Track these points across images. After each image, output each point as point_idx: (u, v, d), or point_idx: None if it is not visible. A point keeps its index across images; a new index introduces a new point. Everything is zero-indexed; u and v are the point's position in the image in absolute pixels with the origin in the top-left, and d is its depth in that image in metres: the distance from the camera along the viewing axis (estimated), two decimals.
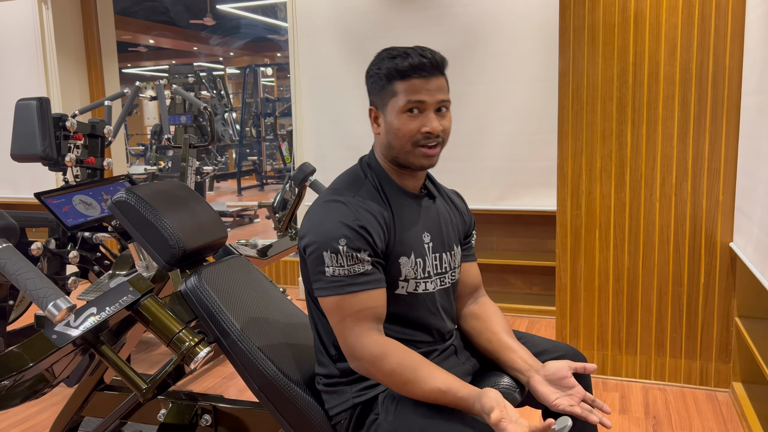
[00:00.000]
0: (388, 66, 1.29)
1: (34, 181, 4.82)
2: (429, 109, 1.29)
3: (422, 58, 1.27)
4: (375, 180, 1.36)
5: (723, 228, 2.57)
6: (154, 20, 11.50)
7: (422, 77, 1.27)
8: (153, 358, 3.22)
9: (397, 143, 1.30)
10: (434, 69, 1.28)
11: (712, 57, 2.50)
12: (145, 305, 1.38)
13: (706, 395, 2.63)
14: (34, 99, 2.65)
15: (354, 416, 1.31)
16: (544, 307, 3.77)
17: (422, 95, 1.27)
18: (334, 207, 1.28)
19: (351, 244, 1.23)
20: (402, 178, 1.37)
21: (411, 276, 1.34)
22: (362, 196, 1.31)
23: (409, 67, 1.27)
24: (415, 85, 1.27)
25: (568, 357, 1.43)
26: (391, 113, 1.30)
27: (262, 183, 11.86)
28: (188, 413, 1.71)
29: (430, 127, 1.28)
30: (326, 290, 1.24)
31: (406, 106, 1.28)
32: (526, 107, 3.62)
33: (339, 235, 1.23)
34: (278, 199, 3.11)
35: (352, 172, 1.39)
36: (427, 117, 1.28)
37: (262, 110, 11.75)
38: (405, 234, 1.33)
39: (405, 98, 1.27)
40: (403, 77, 1.28)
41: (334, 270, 1.23)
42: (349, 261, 1.23)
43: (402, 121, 1.28)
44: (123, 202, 1.47)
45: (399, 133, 1.29)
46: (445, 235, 1.42)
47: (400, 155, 1.31)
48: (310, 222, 1.29)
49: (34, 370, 1.22)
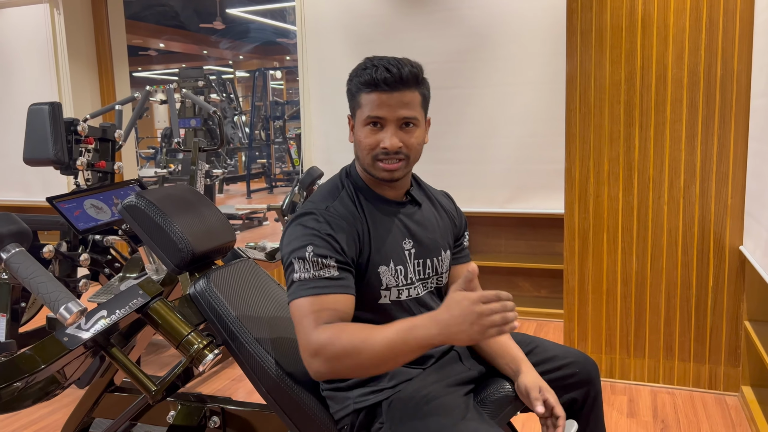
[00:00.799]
0: (357, 78, 1.30)
1: (46, 184, 4.87)
2: (390, 124, 1.28)
3: (386, 73, 1.26)
4: (351, 190, 1.36)
5: (732, 231, 2.56)
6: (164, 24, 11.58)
7: (384, 92, 1.26)
8: (162, 360, 3.25)
9: (360, 155, 1.32)
10: (398, 84, 1.26)
11: (720, 60, 2.49)
12: (154, 308, 1.40)
13: (714, 399, 2.61)
14: (46, 104, 2.69)
15: (357, 422, 1.32)
16: (552, 310, 3.76)
17: (382, 110, 1.27)
18: (305, 220, 1.29)
19: (317, 251, 1.23)
20: (380, 187, 1.37)
21: (392, 284, 1.34)
22: (335, 207, 1.32)
23: (372, 80, 1.26)
24: (377, 99, 1.27)
25: (579, 363, 1.43)
26: (358, 124, 1.32)
27: (271, 186, 11.89)
28: (197, 415, 1.72)
29: (386, 144, 1.27)
30: (292, 294, 1.24)
31: (367, 120, 1.28)
32: (533, 110, 3.62)
33: (306, 243, 1.24)
34: (287, 202, 3.13)
35: (330, 182, 1.41)
36: (386, 132, 1.28)
37: (271, 113, 11.79)
38: (383, 243, 1.33)
39: (367, 111, 1.28)
40: (367, 90, 1.28)
41: (301, 275, 1.23)
42: (315, 266, 1.23)
43: (364, 133, 1.30)
44: (133, 206, 1.49)
45: (360, 145, 1.31)
46: (431, 240, 1.41)
47: (365, 166, 1.33)
48: (285, 236, 1.31)
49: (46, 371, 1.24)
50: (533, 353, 1.43)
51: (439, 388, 1.29)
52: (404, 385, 1.32)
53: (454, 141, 3.81)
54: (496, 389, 1.38)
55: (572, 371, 1.41)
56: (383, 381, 1.33)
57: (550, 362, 1.41)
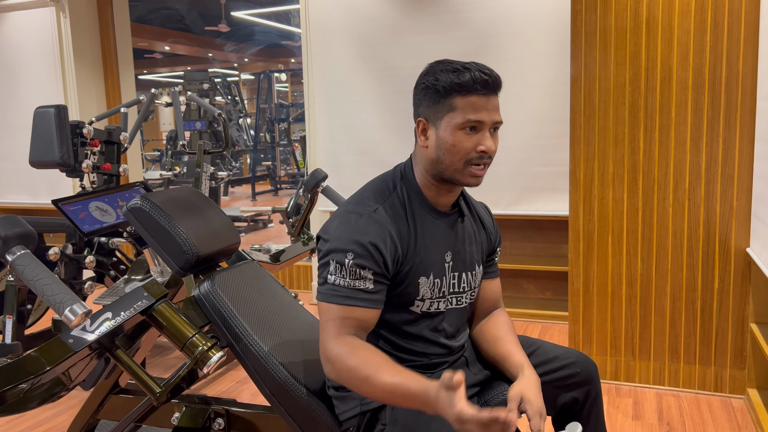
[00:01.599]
0: (448, 79, 1.24)
1: (51, 187, 4.89)
2: (485, 128, 1.25)
3: (484, 75, 1.23)
4: (404, 194, 1.33)
5: (738, 233, 2.55)
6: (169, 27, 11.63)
7: (483, 95, 1.24)
8: (167, 362, 3.25)
9: (449, 159, 1.27)
10: (494, 88, 1.26)
11: (725, 62, 2.48)
12: (159, 310, 1.40)
13: (720, 402, 2.60)
14: (52, 106, 2.70)
15: (363, 424, 1.32)
16: (557, 312, 3.76)
17: (482, 114, 1.24)
18: (352, 218, 1.27)
19: (357, 260, 1.22)
20: (437, 194, 1.34)
21: (428, 296, 1.33)
22: (384, 210, 1.29)
23: (471, 82, 1.23)
24: (475, 102, 1.24)
25: (579, 363, 1.43)
26: (445, 128, 1.26)
27: (276, 188, 11.91)
28: (201, 417, 1.73)
29: (485, 147, 1.25)
30: (324, 296, 1.25)
31: (465, 124, 1.24)
32: (538, 112, 3.62)
33: (348, 248, 1.23)
34: (292, 204, 3.13)
35: (381, 181, 1.36)
36: (484, 136, 1.25)
37: (276, 116, 11.82)
38: (427, 253, 1.32)
39: (464, 115, 1.24)
40: (463, 93, 1.24)
41: (336, 279, 1.23)
42: (351, 276, 1.23)
43: (458, 137, 1.25)
44: (138, 208, 1.49)
45: (453, 149, 1.25)
46: (468, 254, 1.40)
47: (447, 171, 1.28)
48: (328, 226, 1.30)
49: (51, 373, 1.24)
50: (534, 354, 1.43)
51: None
52: None
53: None
54: (499, 392, 1.38)
55: (573, 371, 1.41)
56: None
57: (551, 363, 1.41)
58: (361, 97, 3.97)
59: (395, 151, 3.89)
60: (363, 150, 3.98)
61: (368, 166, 3.97)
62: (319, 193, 3.00)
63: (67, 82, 4.81)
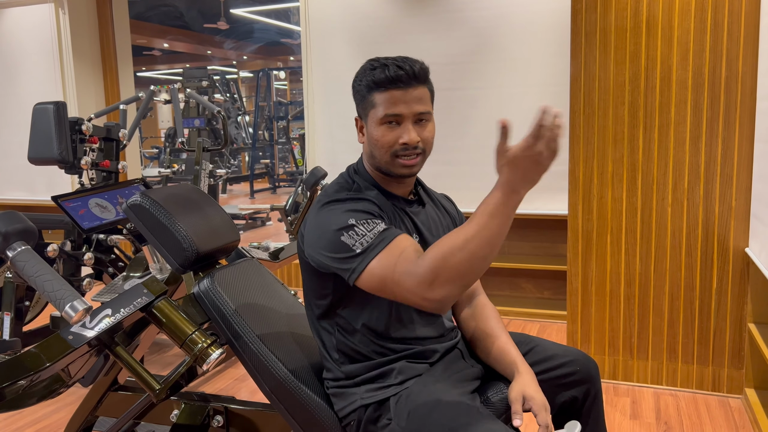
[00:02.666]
0: (368, 78, 1.31)
1: (50, 183, 4.88)
2: (407, 120, 1.30)
3: (399, 70, 1.28)
4: (362, 186, 1.38)
5: (736, 233, 2.55)
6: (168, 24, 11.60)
7: (399, 89, 1.29)
8: (166, 359, 3.25)
9: (378, 153, 1.33)
10: (412, 80, 1.30)
11: (724, 62, 2.49)
12: (158, 307, 1.40)
13: (718, 401, 2.61)
14: (50, 103, 2.69)
15: (363, 418, 1.32)
16: (555, 311, 3.76)
17: (399, 108, 1.29)
18: (330, 207, 1.29)
19: (361, 216, 1.24)
20: (389, 185, 1.39)
21: None
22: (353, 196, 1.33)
23: (386, 78, 1.29)
24: (392, 96, 1.29)
25: (579, 361, 1.43)
26: (371, 124, 1.33)
27: (274, 186, 11.91)
28: (200, 414, 1.73)
29: (406, 139, 1.29)
30: (364, 262, 1.18)
31: (384, 119, 1.30)
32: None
33: (346, 218, 1.24)
34: (290, 202, 3.13)
35: (339, 180, 1.42)
36: (405, 129, 1.30)
37: (274, 113, 11.81)
38: None
39: (383, 110, 1.30)
40: (381, 89, 1.30)
41: (359, 241, 1.21)
42: (367, 227, 1.22)
43: (381, 132, 1.31)
44: (137, 205, 1.49)
45: (378, 143, 1.32)
46: (435, 238, 1.42)
47: (381, 164, 1.34)
48: (311, 227, 1.30)
49: (51, 370, 1.24)
50: (533, 352, 1.44)
51: (446, 386, 1.30)
52: (412, 381, 1.32)
53: (458, 142, 3.81)
54: (498, 390, 1.38)
55: (572, 369, 1.41)
56: (391, 377, 1.33)
57: (550, 361, 1.42)
58: None
59: None
60: (362, 148, 3.97)
61: None
62: (319, 191, 3.00)
63: (66, 79, 4.80)
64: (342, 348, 1.36)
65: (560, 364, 1.42)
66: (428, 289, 1.10)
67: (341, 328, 1.36)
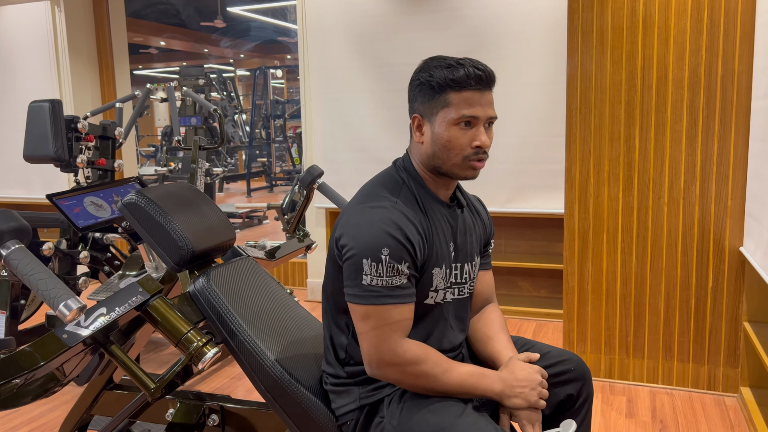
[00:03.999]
0: (442, 75, 1.25)
1: (46, 182, 4.87)
2: (480, 123, 1.27)
3: (477, 70, 1.24)
4: (412, 186, 1.33)
5: (732, 232, 2.56)
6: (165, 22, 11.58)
7: (477, 90, 1.25)
8: (162, 358, 3.25)
9: (445, 155, 1.28)
10: (488, 83, 1.26)
11: (720, 61, 2.49)
12: (154, 306, 1.40)
13: (713, 400, 2.62)
14: (46, 101, 2.68)
15: (361, 417, 1.32)
16: (551, 310, 3.77)
17: (476, 110, 1.25)
18: (376, 213, 1.25)
19: (393, 254, 1.21)
20: (437, 187, 1.35)
21: (440, 286, 1.34)
22: (402, 203, 1.29)
23: (465, 77, 1.24)
24: (469, 98, 1.25)
25: (573, 361, 1.44)
26: (440, 124, 1.27)
27: (271, 184, 11.90)
28: (196, 413, 1.73)
29: (480, 142, 1.26)
30: (361, 298, 1.23)
31: (460, 119, 1.25)
32: (534, 110, 3.62)
33: (382, 244, 1.21)
34: (287, 201, 3.13)
35: (388, 176, 1.36)
36: (479, 131, 1.26)
37: (271, 112, 11.79)
38: (439, 244, 1.32)
39: (458, 111, 1.25)
40: (457, 88, 1.25)
41: (372, 279, 1.21)
42: (389, 272, 1.21)
43: (452, 133, 1.26)
44: (133, 203, 1.49)
45: (449, 145, 1.27)
46: (469, 245, 1.41)
47: (444, 166, 1.29)
48: (349, 225, 1.26)
49: (45, 368, 1.24)
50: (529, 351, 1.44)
51: None
52: None
53: None
54: None
55: (567, 368, 1.42)
56: None
57: (546, 359, 1.42)
58: (357, 93, 3.96)
59: (392, 148, 3.88)
60: (360, 147, 3.98)
61: (365, 162, 3.96)
62: (315, 190, 3.00)
63: (62, 77, 4.79)
64: (351, 349, 1.35)
65: (555, 362, 1.43)
66: (386, 368, 1.25)
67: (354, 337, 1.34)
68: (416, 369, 1.24)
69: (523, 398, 1.25)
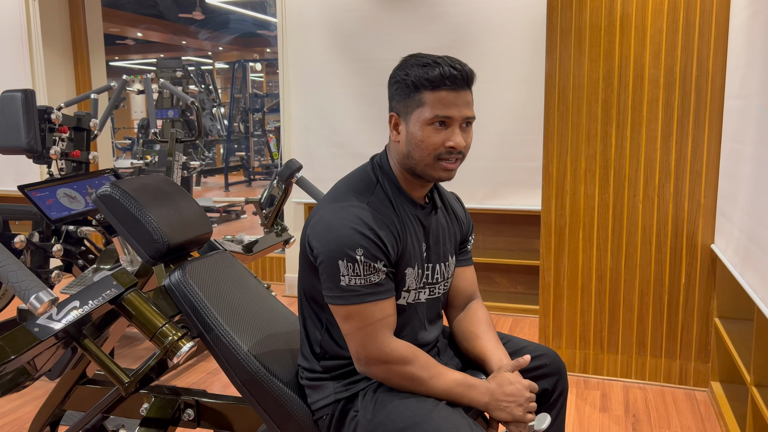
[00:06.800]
0: (417, 74, 1.23)
1: (18, 173, 4.77)
2: (455, 124, 1.25)
3: (453, 70, 1.22)
4: (386, 185, 1.32)
5: (704, 230, 2.60)
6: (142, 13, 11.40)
7: (452, 90, 1.23)
8: (137, 353, 3.21)
9: (418, 154, 1.26)
10: (464, 83, 1.24)
11: (695, 61, 2.53)
12: (128, 299, 1.38)
13: (685, 394, 2.66)
14: (18, 91, 2.63)
15: (336, 411, 1.32)
16: (528, 306, 3.80)
17: (451, 110, 1.23)
18: (347, 212, 1.24)
19: (368, 254, 1.21)
20: (411, 187, 1.34)
21: (413, 287, 1.34)
22: (374, 203, 1.28)
23: (440, 77, 1.22)
24: (444, 97, 1.23)
25: (549, 356, 1.46)
26: (414, 123, 1.25)
27: (249, 179, 11.81)
28: (171, 407, 1.71)
29: (454, 143, 1.24)
30: (342, 299, 1.23)
31: (433, 119, 1.23)
32: (513, 108, 3.64)
33: (356, 244, 1.20)
34: (265, 195, 3.11)
35: (363, 174, 1.35)
36: (453, 132, 1.24)
37: (250, 106, 11.70)
38: (411, 244, 1.32)
39: (432, 111, 1.23)
40: (432, 88, 1.23)
41: (350, 279, 1.21)
42: (366, 270, 1.21)
43: (426, 133, 1.24)
44: (107, 195, 1.46)
45: (422, 144, 1.25)
46: (442, 246, 1.41)
47: (418, 166, 1.28)
48: (320, 225, 1.25)
49: (16, 363, 1.21)
50: (506, 347, 1.45)
51: None
52: None
53: None
54: None
55: (543, 362, 1.44)
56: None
57: (522, 353, 1.43)
58: (337, 88, 3.95)
59: (371, 144, 3.88)
60: (338, 142, 3.97)
61: (343, 158, 3.96)
62: (294, 184, 2.99)
63: (35, 67, 4.69)
64: (326, 344, 1.35)
65: (532, 357, 1.44)
66: (374, 366, 1.25)
67: (332, 325, 1.34)
68: (403, 369, 1.24)
69: (508, 413, 1.25)
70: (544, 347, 1.48)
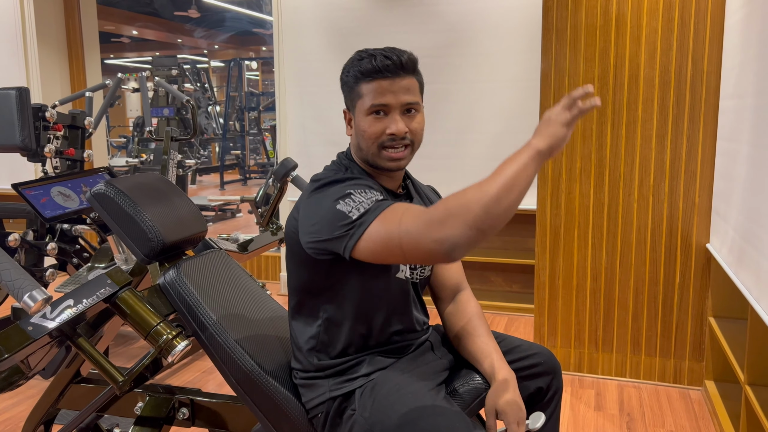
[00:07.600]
0: (355, 68, 1.29)
1: (12, 171, 4.75)
2: (394, 111, 1.28)
3: (386, 60, 1.26)
4: (357, 172, 1.35)
5: (699, 229, 2.61)
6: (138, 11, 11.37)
7: (387, 78, 1.27)
8: (131, 352, 3.20)
9: (365, 145, 1.30)
10: (399, 70, 1.27)
11: (690, 60, 2.54)
12: (122, 298, 1.37)
13: (679, 393, 2.67)
14: (13, 88, 2.62)
15: (331, 410, 1.32)
16: (523, 305, 3.81)
17: (386, 97, 1.27)
18: (326, 189, 1.24)
19: (359, 187, 1.21)
20: (379, 177, 1.37)
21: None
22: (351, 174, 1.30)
23: (373, 68, 1.26)
24: (379, 86, 1.27)
25: (543, 355, 1.46)
26: (359, 115, 1.31)
27: (245, 177, 11.80)
28: (165, 406, 1.71)
29: (393, 129, 1.27)
30: (363, 225, 1.14)
31: (371, 108, 1.28)
32: (509, 106, 3.65)
33: (344, 188, 1.20)
34: (261, 194, 3.10)
35: (333, 166, 1.38)
36: (392, 119, 1.27)
37: (246, 104, 11.68)
38: None
39: (370, 100, 1.27)
40: (368, 79, 1.27)
41: (357, 207, 1.16)
42: (365, 195, 1.18)
43: (368, 122, 1.28)
44: (102, 194, 1.46)
45: (365, 134, 1.29)
46: None
47: (368, 157, 1.31)
48: (306, 211, 1.25)
49: (9, 361, 1.21)
50: (500, 345, 1.45)
51: (411, 378, 1.30)
52: (378, 373, 1.33)
53: (430, 136, 3.81)
54: (466, 381, 1.39)
55: (537, 361, 1.44)
56: (359, 370, 1.33)
57: (516, 352, 1.44)
58: (332, 87, 3.95)
59: None
60: (333, 140, 3.96)
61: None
62: (289, 183, 2.98)
63: (30, 65, 4.67)
64: (318, 341, 1.35)
65: (526, 355, 1.44)
66: (439, 228, 1.02)
67: (327, 321, 1.34)
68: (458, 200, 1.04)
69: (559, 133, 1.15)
70: (538, 346, 1.49)
